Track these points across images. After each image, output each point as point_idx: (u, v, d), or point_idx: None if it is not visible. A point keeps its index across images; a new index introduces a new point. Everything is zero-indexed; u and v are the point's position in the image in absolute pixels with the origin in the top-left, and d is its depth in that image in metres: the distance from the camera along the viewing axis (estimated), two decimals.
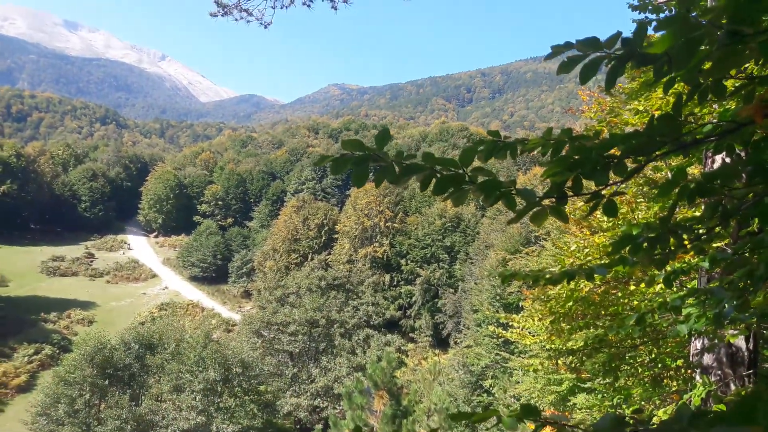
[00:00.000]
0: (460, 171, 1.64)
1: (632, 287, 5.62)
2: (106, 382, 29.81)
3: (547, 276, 2.32)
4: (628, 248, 1.89)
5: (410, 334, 55.72)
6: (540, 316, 7.98)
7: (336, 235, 64.09)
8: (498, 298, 37.13)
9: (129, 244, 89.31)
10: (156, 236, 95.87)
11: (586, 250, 6.87)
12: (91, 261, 77.92)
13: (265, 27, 8.54)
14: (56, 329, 50.65)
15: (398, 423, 13.35)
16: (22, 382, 39.53)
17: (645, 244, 1.85)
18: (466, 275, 51.96)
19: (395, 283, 59.15)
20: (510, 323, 10.41)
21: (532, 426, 1.63)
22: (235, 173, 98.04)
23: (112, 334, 34.93)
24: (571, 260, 6.93)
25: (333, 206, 74.11)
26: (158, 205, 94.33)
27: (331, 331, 42.02)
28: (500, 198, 1.66)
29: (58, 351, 43.83)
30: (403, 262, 59.15)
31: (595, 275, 2.15)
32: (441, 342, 53.92)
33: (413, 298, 57.21)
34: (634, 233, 1.85)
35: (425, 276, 56.36)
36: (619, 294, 6.04)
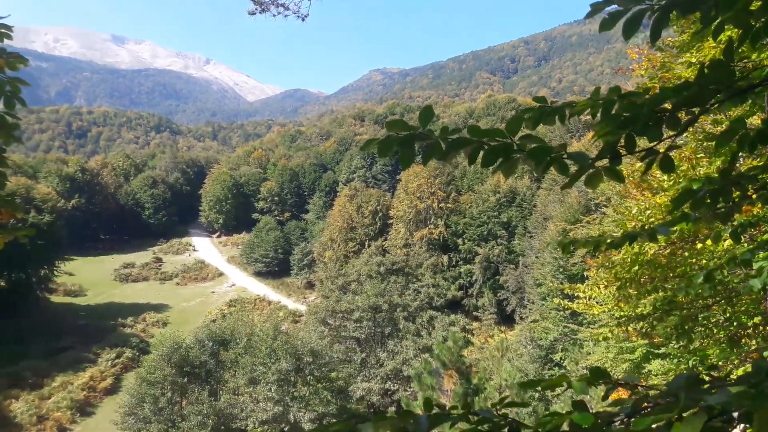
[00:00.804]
0: (508, 140, 1.63)
1: (699, 246, 5.39)
2: (185, 379, 31.09)
3: (609, 240, 2.28)
4: (689, 204, 1.83)
5: (474, 313, 55.51)
6: (605, 284, 7.78)
7: (390, 221, 64.34)
8: (561, 270, 36.42)
9: (194, 246, 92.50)
10: (218, 236, 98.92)
11: (648, 212, 6.62)
12: (160, 265, 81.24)
13: (303, 19, 8.61)
14: (134, 333, 53.19)
15: (470, 401, 13.40)
16: (108, 385, 41.67)
17: (707, 199, 1.79)
18: (526, 250, 51.19)
19: (454, 263, 58.92)
20: (575, 294, 10.22)
21: (603, 388, 1.63)
22: (288, 168, 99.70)
23: (186, 334, 36.41)
24: (633, 224, 6.71)
25: (385, 192, 74.34)
26: (218, 206, 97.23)
27: (395, 315, 42.37)
28: (551, 164, 1.64)
29: (137, 353, 45.98)
30: (459, 241, 58.80)
31: (658, 235, 2.11)
32: (506, 318, 53.47)
33: (473, 277, 56.86)
34: (695, 188, 1.80)
35: (484, 254, 55.87)
36: (686, 254, 5.80)
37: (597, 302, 9.55)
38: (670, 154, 1.64)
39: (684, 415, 1.11)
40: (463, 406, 1.54)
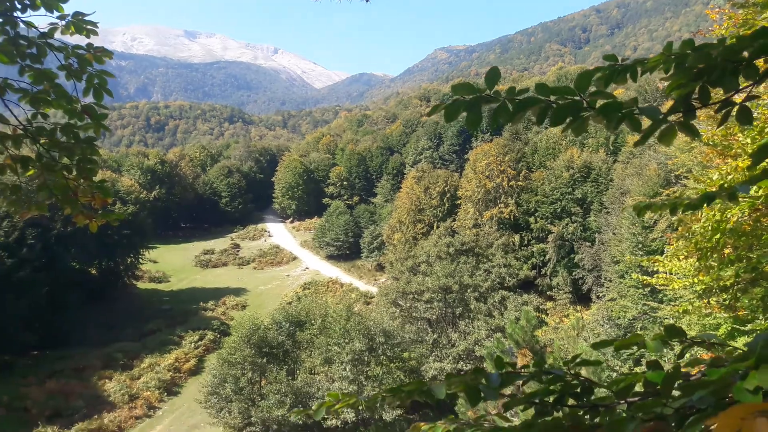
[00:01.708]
0: (577, 98, 1.60)
1: None
2: (264, 360, 32.31)
3: (686, 202, 2.21)
4: None
5: (548, 293, 54.34)
6: (685, 254, 7.40)
7: (459, 201, 63.75)
8: (640, 245, 34.97)
9: (269, 232, 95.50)
10: (291, 221, 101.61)
11: (730, 177, 6.23)
12: (238, 251, 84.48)
13: (366, 0, 8.63)
14: (215, 316, 55.63)
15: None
16: (192, 366, 43.71)
17: None
18: (602, 226, 49.43)
19: (526, 242, 57.73)
20: (654, 268, 9.82)
21: (679, 347, 1.60)
22: (355, 153, 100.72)
23: (263, 316, 37.81)
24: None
25: (452, 172, 73.63)
26: (290, 192, 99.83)
27: (466, 295, 42.20)
28: (622, 120, 1.61)
29: (218, 335, 48.01)
30: (531, 220, 57.48)
31: (738, 194, 2.02)
32: (582, 298, 52.02)
33: (547, 256, 55.55)
34: None
35: (557, 232, 54.41)
36: None
37: (677, 277, 9.13)
38: (748, 104, 1.57)
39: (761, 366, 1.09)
40: (534, 364, 1.56)
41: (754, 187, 5.58)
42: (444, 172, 71.33)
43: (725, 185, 6.15)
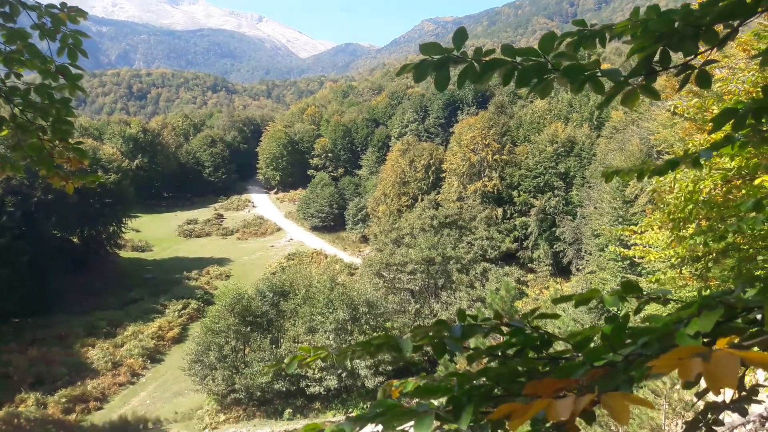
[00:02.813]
0: (542, 59, 1.64)
1: (758, 181, 5.13)
2: (248, 328, 32.57)
3: (652, 167, 2.27)
4: (731, 124, 1.80)
5: (529, 265, 55.04)
6: (659, 224, 7.56)
7: (443, 174, 63.84)
8: (621, 219, 35.44)
9: (253, 202, 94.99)
10: (276, 192, 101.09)
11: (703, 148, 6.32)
12: (221, 221, 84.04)
13: None
14: (198, 285, 55.61)
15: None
16: (176, 334, 43.83)
17: (749, 118, 1.75)
18: (584, 200, 49.93)
19: (509, 215, 58.19)
20: (632, 241, 10.01)
21: (636, 303, 1.68)
22: (341, 124, 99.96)
23: (247, 286, 37.92)
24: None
25: (438, 145, 73.59)
26: (274, 163, 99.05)
27: (448, 267, 42.66)
28: (585, 82, 1.65)
29: (202, 305, 48.04)
30: (515, 193, 57.85)
31: (701, 159, 2.08)
32: (562, 270, 52.78)
33: (529, 229, 56.10)
34: (738, 107, 1.76)
35: (540, 205, 54.88)
36: (744, 191, 5.54)
37: (654, 249, 9.32)
38: (707, 69, 1.61)
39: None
40: (495, 317, 1.62)
41: (727, 159, 5.71)
42: (429, 145, 71.23)
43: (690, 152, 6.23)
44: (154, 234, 74.72)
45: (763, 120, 1.77)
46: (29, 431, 28.24)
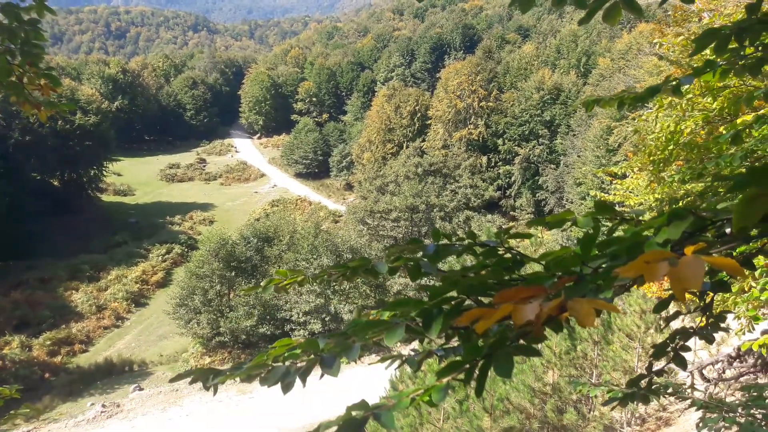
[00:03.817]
0: None
1: (740, 121, 5.13)
2: (233, 273, 32.69)
3: (632, 96, 2.24)
4: (712, 47, 1.76)
5: (511, 213, 55.59)
6: (639, 166, 7.60)
7: (429, 121, 63.32)
8: (603, 168, 35.67)
9: (236, 147, 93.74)
10: (259, 137, 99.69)
11: (686, 87, 6.28)
12: (204, 166, 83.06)
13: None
14: (182, 230, 55.43)
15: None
16: (160, 278, 43.96)
17: (732, 41, 1.72)
18: (568, 149, 50.10)
19: (493, 164, 58.28)
20: (612, 186, 10.08)
21: (610, 224, 1.69)
22: (325, 68, 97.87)
23: (231, 231, 37.89)
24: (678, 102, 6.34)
25: (424, 91, 72.64)
26: (257, 107, 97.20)
27: (432, 215, 42.97)
28: None
29: (186, 249, 47.97)
30: (499, 142, 57.74)
31: (682, 86, 2.06)
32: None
33: (512, 178, 56.37)
34: (719, 28, 1.73)
35: (524, 154, 54.97)
36: (724, 131, 5.55)
37: (634, 194, 9.42)
38: None
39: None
40: (468, 235, 1.62)
41: (709, 99, 5.70)
42: (415, 90, 70.27)
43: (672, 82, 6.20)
44: (136, 178, 73.80)
45: (745, 44, 1.74)
46: (15, 373, 28.51)
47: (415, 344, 1.90)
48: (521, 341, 1.21)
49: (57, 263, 43.69)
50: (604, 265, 1.27)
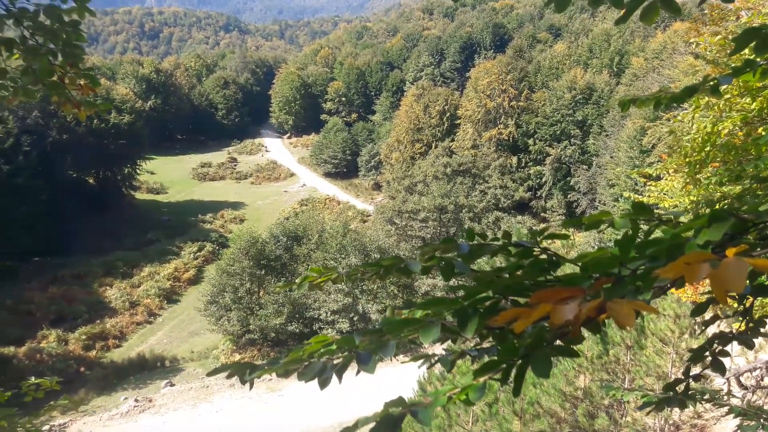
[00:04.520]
0: None
1: None
2: (263, 272, 33.07)
3: (669, 95, 2.21)
4: (752, 46, 1.73)
5: (542, 215, 54.93)
6: (675, 167, 7.43)
7: (458, 121, 62.97)
8: (635, 170, 35.03)
9: (266, 147, 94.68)
10: (289, 137, 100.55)
11: (723, 87, 6.12)
12: (235, 165, 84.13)
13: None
14: (213, 228, 56.21)
15: None
16: (191, 275, 44.62)
17: None
18: (600, 149, 49.30)
19: (523, 164, 57.67)
20: (646, 188, 9.89)
21: (647, 226, 1.67)
22: (354, 67, 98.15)
23: (261, 230, 38.36)
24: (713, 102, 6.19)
25: (453, 90, 72.28)
26: (287, 107, 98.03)
27: (460, 215, 42.76)
28: None
29: (217, 247, 48.63)
30: (530, 142, 57.10)
31: (721, 86, 2.02)
32: None
33: (543, 179, 55.70)
34: (760, 27, 1.68)
35: (555, 154, 54.25)
36: (764, 133, 5.39)
37: (668, 196, 9.21)
38: None
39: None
40: (503, 236, 1.62)
41: (748, 99, 5.55)
42: (445, 90, 69.97)
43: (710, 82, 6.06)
44: (169, 176, 75.17)
45: None
46: (52, 366, 29.33)
47: (444, 346, 1.90)
48: (558, 342, 1.20)
49: (92, 260, 44.77)
50: (642, 267, 1.26)
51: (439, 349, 2.16)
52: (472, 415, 11.77)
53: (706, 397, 3.36)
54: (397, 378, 17.08)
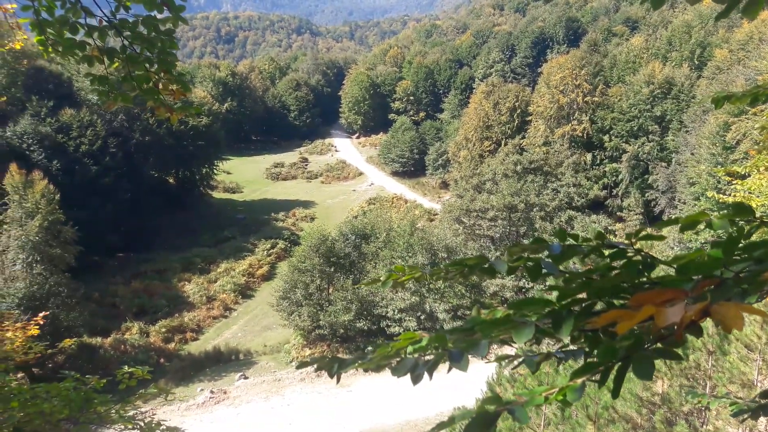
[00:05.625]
0: None
1: None
2: (332, 269, 33.69)
3: (766, 93, 2.10)
4: None
5: (618, 214, 52.83)
6: (766, 165, 6.96)
7: (529, 118, 61.59)
8: (719, 167, 33.10)
9: (335, 147, 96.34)
10: (357, 137, 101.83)
11: None
12: (306, 165, 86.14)
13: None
14: (285, 226, 57.69)
15: None
16: (265, 272, 45.92)
17: None
18: (680, 146, 46.89)
19: (598, 161, 55.67)
20: (731, 187, 9.34)
21: (747, 227, 1.60)
22: (423, 66, 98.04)
23: (331, 228, 39.06)
24: None
25: (524, 87, 70.79)
26: (356, 107, 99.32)
27: (531, 214, 41.78)
28: None
29: (289, 245, 49.90)
30: (605, 138, 55.03)
31: None
32: (653, 220, 50.31)
33: (619, 176, 53.54)
34: None
35: (632, 151, 52.03)
36: None
37: (755, 195, 8.63)
38: None
39: None
40: (596, 236, 1.60)
41: None
42: (515, 86, 68.63)
43: None
44: (244, 176, 77.93)
45: None
46: (134, 357, 31.04)
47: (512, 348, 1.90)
48: (658, 345, 1.18)
49: (171, 256, 47.05)
50: (747, 269, 1.22)
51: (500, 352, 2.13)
52: (544, 418, 11.54)
53: None
54: (462, 379, 16.96)
